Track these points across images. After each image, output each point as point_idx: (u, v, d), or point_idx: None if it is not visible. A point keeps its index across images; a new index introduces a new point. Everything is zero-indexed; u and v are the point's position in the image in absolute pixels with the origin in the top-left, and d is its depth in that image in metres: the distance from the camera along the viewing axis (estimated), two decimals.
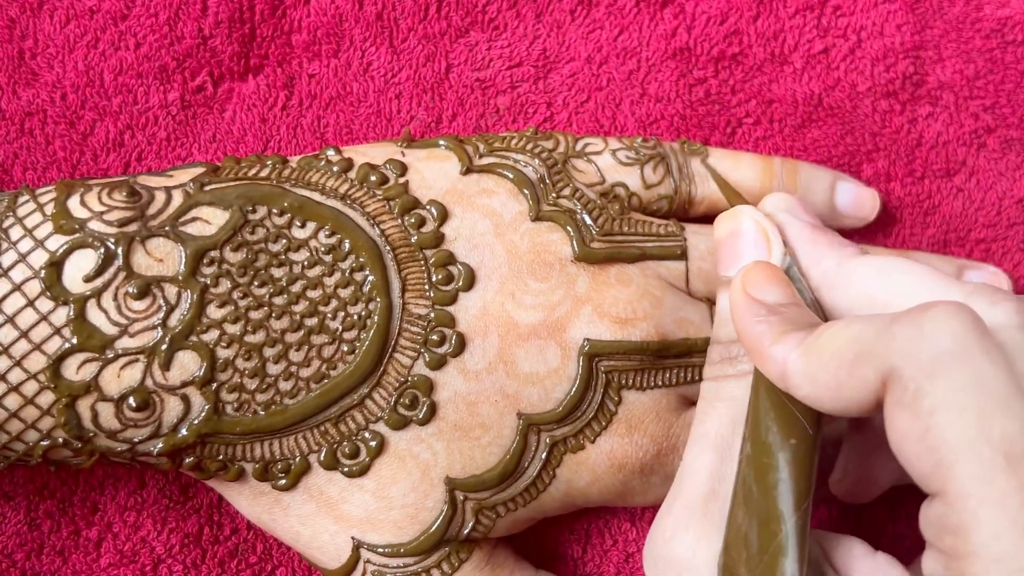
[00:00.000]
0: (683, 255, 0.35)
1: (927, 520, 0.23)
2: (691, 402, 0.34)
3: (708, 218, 0.39)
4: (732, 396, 0.30)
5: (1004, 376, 0.23)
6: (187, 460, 0.31)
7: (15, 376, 0.29)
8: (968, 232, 0.41)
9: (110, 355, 0.29)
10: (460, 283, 0.32)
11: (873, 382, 0.24)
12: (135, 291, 0.29)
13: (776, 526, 0.26)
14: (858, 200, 0.39)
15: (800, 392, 0.26)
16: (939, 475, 0.22)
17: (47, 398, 0.29)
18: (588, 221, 0.34)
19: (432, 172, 0.34)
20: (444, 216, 0.33)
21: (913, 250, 0.40)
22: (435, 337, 0.32)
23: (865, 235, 0.41)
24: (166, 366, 0.29)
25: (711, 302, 0.35)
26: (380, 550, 0.32)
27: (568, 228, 0.33)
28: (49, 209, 0.30)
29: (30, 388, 0.29)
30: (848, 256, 0.30)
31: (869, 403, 0.24)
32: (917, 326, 0.23)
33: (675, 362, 0.33)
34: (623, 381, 0.33)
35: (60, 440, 0.29)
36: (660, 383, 0.33)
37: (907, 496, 0.38)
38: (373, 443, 0.31)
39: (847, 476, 0.33)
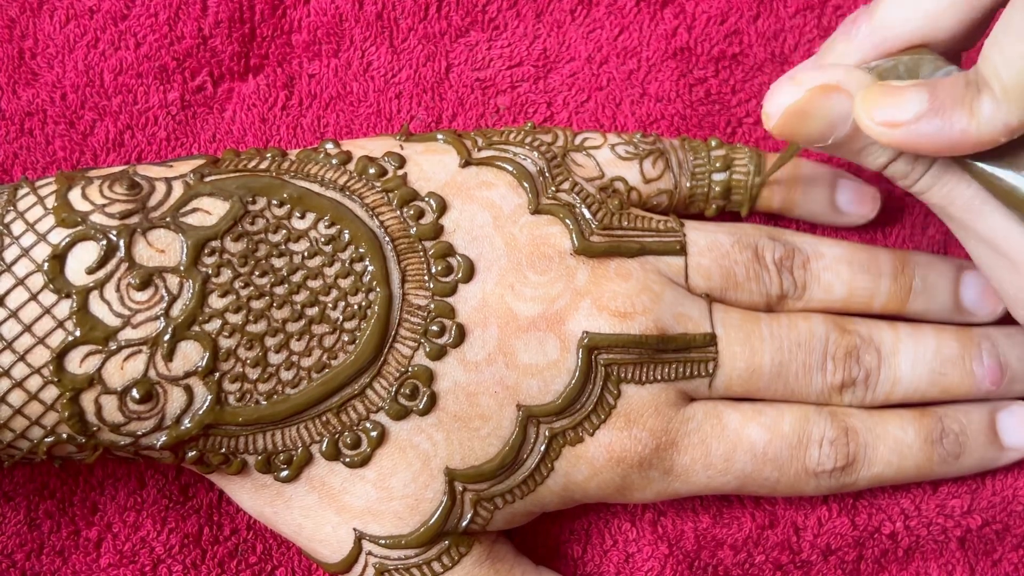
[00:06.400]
0: (682, 250, 0.35)
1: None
2: (690, 398, 0.34)
3: (707, 216, 0.39)
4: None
5: None
6: (190, 454, 0.31)
7: (19, 371, 0.29)
8: None
9: (113, 347, 0.29)
10: (459, 274, 0.32)
11: None
12: (137, 282, 0.29)
13: None
14: (859, 197, 0.39)
15: None
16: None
17: (51, 393, 0.29)
18: (587, 215, 0.34)
19: (431, 165, 0.34)
20: (443, 208, 0.33)
21: (913, 250, 0.40)
22: (435, 327, 0.32)
23: (864, 235, 0.41)
24: (169, 357, 0.29)
25: (710, 298, 0.35)
26: (382, 541, 0.32)
27: (567, 221, 0.34)
28: (50, 202, 0.30)
29: (34, 383, 0.29)
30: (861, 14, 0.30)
31: None
32: None
33: (674, 357, 0.33)
34: (622, 375, 0.33)
35: (64, 436, 0.29)
36: (659, 377, 0.33)
37: (911, 491, 0.38)
38: (374, 433, 0.31)
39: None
